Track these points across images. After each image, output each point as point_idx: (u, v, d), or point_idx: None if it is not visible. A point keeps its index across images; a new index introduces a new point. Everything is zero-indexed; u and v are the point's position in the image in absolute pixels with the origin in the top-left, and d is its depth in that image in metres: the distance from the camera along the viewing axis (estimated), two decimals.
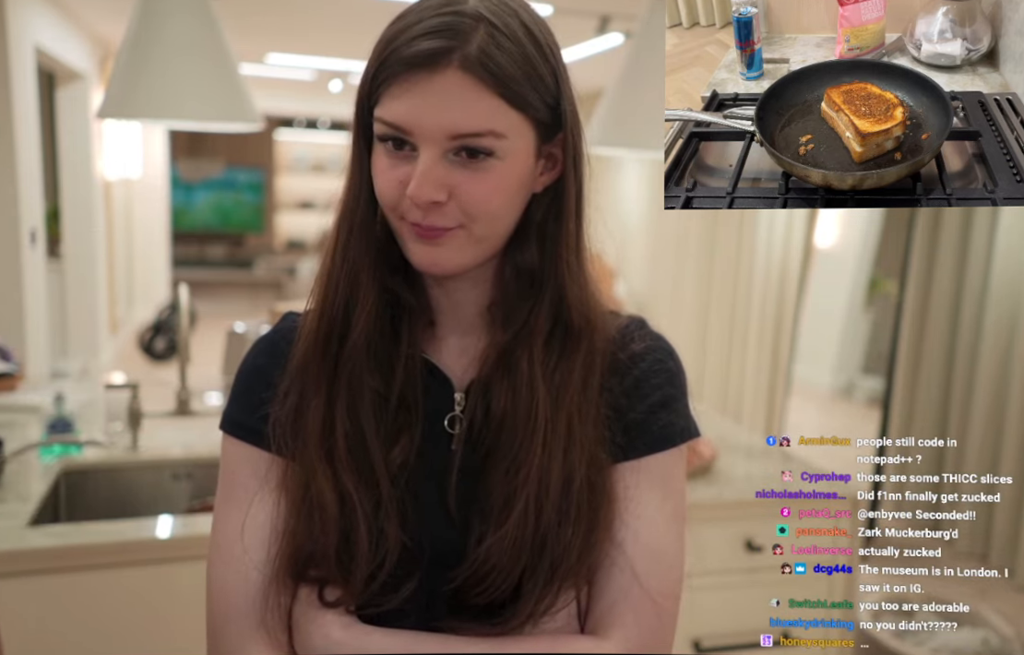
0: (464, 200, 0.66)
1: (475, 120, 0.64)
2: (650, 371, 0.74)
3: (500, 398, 0.69)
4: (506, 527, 0.67)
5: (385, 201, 0.68)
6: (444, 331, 0.74)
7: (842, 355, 5.97)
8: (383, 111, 0.66)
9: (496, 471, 0.69)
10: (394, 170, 0.66)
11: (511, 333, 0.71)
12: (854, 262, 5.82)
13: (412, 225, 0.67)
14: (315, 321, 0.71)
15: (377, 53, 0.66)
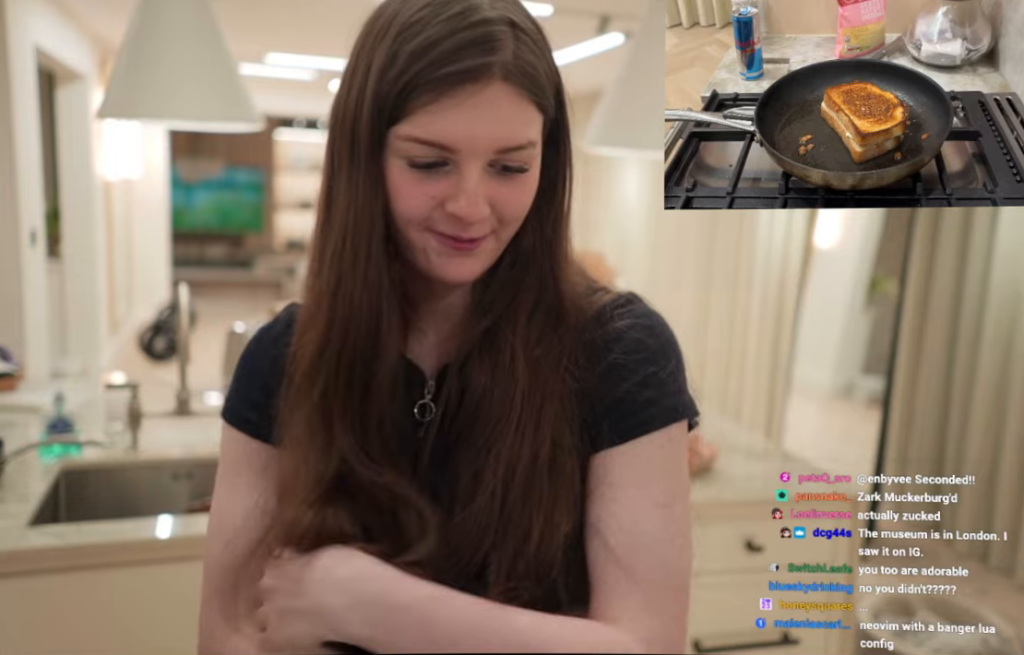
0: (502, 210, 0.65)
1: (520, 131, 0.63)
2: (628, 351, 0.71)
3: (479, 377, 0.69)
4: (473, 505, 0.67)
5: (412, 217, 0.65)
6: (424, 323, 0.73)
7: (842, 355, 5.97)
8: (419, 130, 0.62)
9: (467, 449, 0.69)
10: (423, 186, 0.64)
11: (496, 314, 0.70)
12: (854, 262, 5.83)
13: (446, 238, 0.65)
14: (335, 353, 0.68)
15: (401, 69, 0.62)
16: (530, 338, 0.70)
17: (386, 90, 0.63)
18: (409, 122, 0.62)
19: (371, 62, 0.64)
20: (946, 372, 3.50)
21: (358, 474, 0.68)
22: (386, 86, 0.63)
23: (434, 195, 0.63)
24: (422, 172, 0.63)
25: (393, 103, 0.62)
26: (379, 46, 0.63)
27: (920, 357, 3.55)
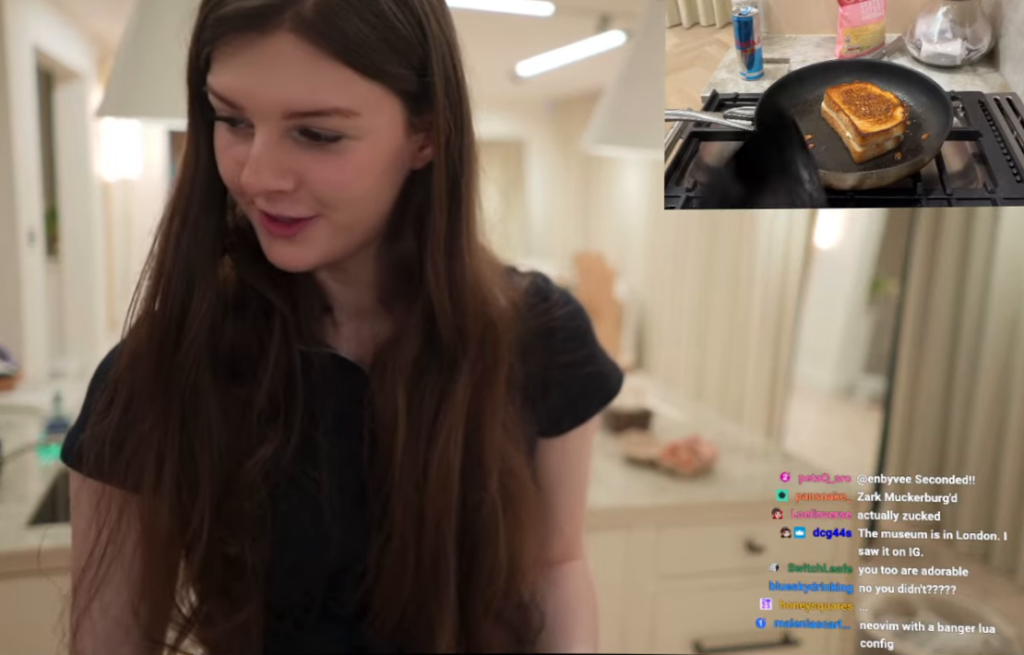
0: (316, 186, 0.55)
1: (315, 95, 0.53)
2: (568, 339, 0.71)
3: (388, 382, 0.62)
4: (388, 535, 0.61)
5: (229, 184, 0.58)
6: (342, 316, 0.65)
7: (843, 355, 5.97)
8: (213, 79, 0.55)
9: (380, 475, 0.63)
10: (232, 148, 0.56)
11: (391, 332, 0.63)
12: (855, 262, 5.83)
13: (261, 215, 0.57)
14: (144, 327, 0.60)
15: (206, 11, 0.55)
16: (431, 364, 0.62)
17: (196, 40, 0.56)
18: (210, 75, 0.55)
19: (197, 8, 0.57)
20: (947, 372, 3.50)
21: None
22: (196, 36, 0.56)
23: (238, 159, 0.56)
24: (231, 132, 0.56)
25: (198, 55, 0.56)
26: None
27: (921, 357, 3.55)
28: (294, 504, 0.61)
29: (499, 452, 0.64)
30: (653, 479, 1.83)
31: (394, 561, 0.61)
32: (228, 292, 0.62)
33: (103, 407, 0.62)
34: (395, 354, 0.62)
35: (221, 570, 0.61)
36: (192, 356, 0.59)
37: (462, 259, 0.61)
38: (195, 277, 0.59)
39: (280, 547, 0.61)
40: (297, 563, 0.61)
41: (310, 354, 0.62)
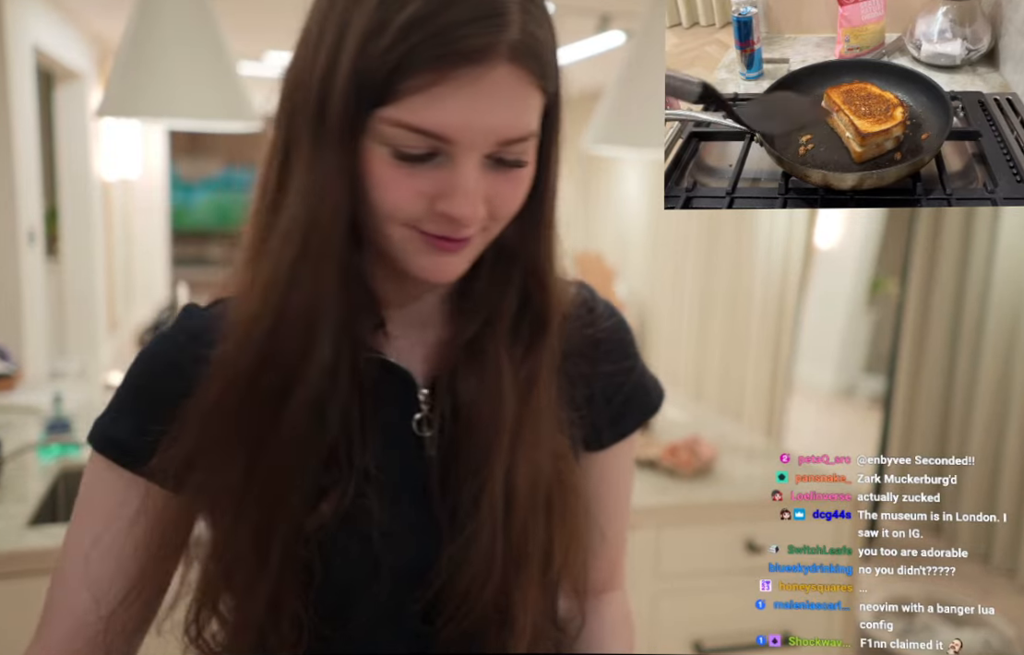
0: (497, 208, 0.56)
1: (521, 122, 0.53)
2: (614, 349, 0.70)
3: (467, 392, 0.62)
4: (471, 534, 0.60)
5: (396, 215, 0.54)
6: (396, 328, 0.64)
7: (843, 355, 5.97)
8: (410, 116, 0.51)
9: (462, 474, 0.62)
10: (412, 180, 0.53)
11: (479, 320, 0.62)
12: (855, 261, 5.82)
13: (433, 237, 0.55)
14: (249, 361, 0.57)
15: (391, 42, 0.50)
16: (516, 348, 0.62)
17: (371, 65, 0.51)
18: (399, 106, 0.51)
19: (346, 26, 0.52)
20: (948, 372, 3.49)
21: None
22: (371, 61, 0.51)
23: (423, 191, 0.54)
24: (410, 164, 0.53)
25: (381, 82, 0.51)
26: (357, 9, 0.52)
27: (922, 357, 3.55)
28: (356, 533, 0.60)
29: (554, 432, 0.65)
30: (653, 479, 1.83)
31: (478, 558, 0.60)
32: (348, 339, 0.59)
33: (159, 412, 0.59)
34: (487, 344, 0.62)
35: (279, 598, 0.59)
36: (303, 402, 0.56)
37: (555, 244, 0.63)
38: (318, 324, 0.56)
39: (343, 571, 0.60)
40: (359, 587, 0.61)
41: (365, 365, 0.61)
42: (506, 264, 0.62)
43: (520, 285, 0.62)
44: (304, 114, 0.55)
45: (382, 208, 0.54)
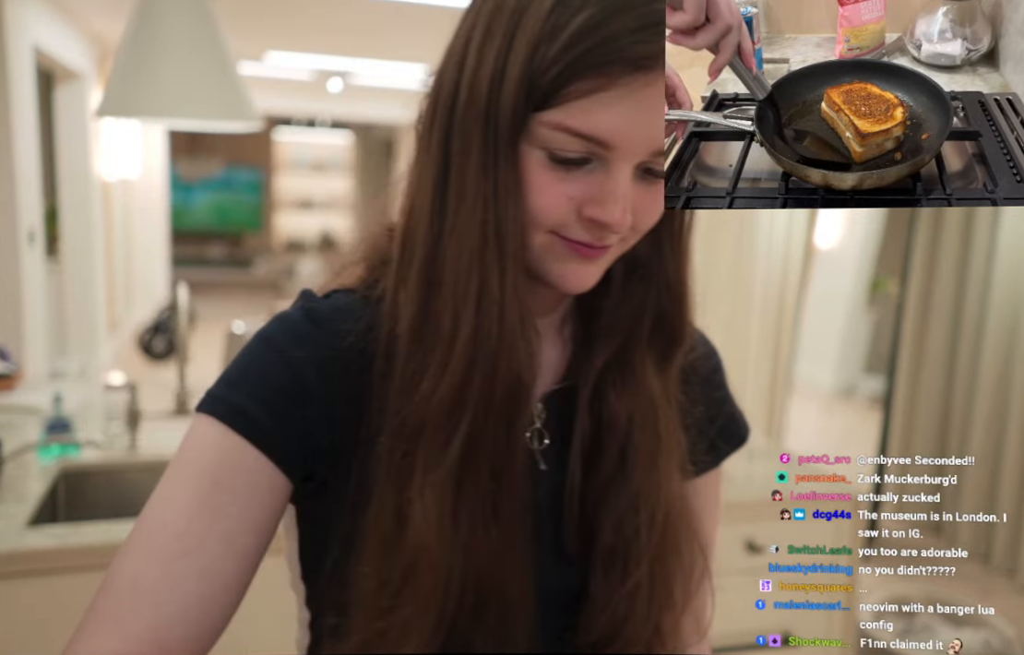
0: (639, 217, 0.56)
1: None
2: (711, 374, 0.69)
3: (617, 408, 0.61)
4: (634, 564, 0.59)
5: (544, 219, 0.55)
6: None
7: (844, 355, 5.97)
8: (573, 120, 0.51)
9: (608, 496, 0.60)
10: (564, 184, 0.53)
11: (623, 334, 0.62)
12: (855, 261, 5.83)
13: (575, 243, 0.55)
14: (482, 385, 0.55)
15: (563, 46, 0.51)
16: (655, 362, 0.62)
17: (541, 69, 0.51)
18: (562, 109, 0.52)
19: (515, 30, 0.52)
20: (948, 372, 3.50)
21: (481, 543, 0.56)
22: (541, 64, 0.51)
23: (574, 196, 0.54)
24: (564, 168, 0.53)
25: (547, 86, 0.52)
26: (527, 14, 0.52)
27: (922, 357, 3.55)
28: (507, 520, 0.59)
29: (684, 455, 0.64)
30: None
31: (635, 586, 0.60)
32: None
33: (290, 395, 0.57)
34: (634, 361, 0.61)
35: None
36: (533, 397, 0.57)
37: (690, 260, 0.63)
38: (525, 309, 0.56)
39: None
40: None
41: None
42: (641, 280, 0.62)
43: (656, 302, 0.62)
44: (469, 118, 0.54)
45: (531, 212, 0.55)
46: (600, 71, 0.50)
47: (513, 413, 0.56)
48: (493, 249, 0.54)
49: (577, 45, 0.51)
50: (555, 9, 0.51)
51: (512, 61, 0.52)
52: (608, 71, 0.50)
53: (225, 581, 0.55)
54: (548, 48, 0.51)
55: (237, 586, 0.56)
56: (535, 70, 0.52)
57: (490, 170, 0.54)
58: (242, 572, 0.56)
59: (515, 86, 0.52)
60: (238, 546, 0.55)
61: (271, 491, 0.57)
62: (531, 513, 0.59)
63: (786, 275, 4.09)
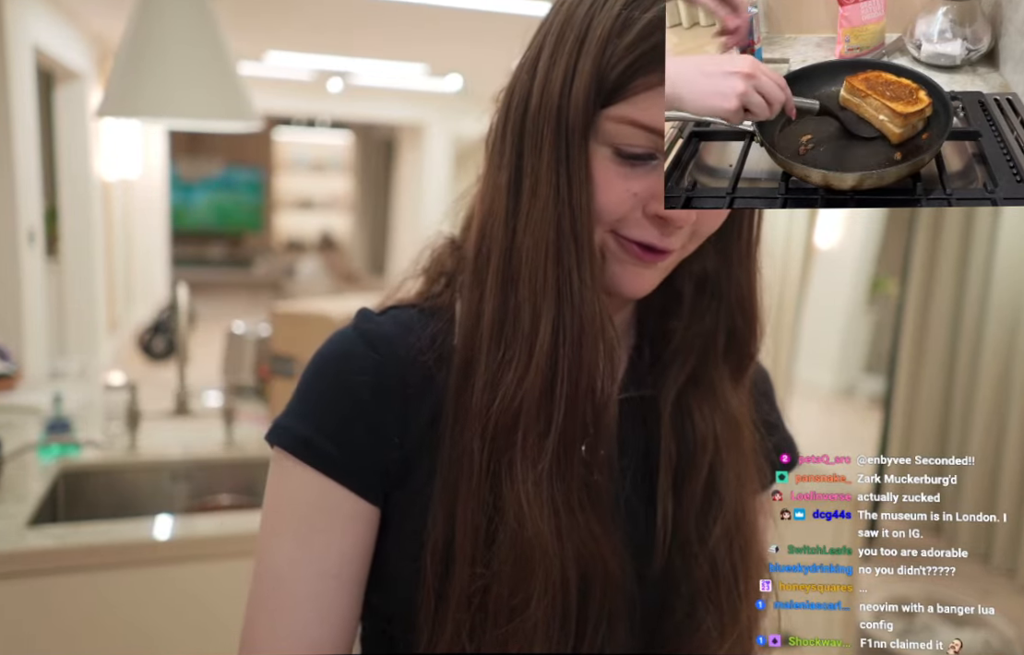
0: (700, 221, 0.56)
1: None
2: (765, 397, 0.69)
3: (701, 420, 0.61)
4: (717, 584, 0.59)
5: (607, 216, 0.54)
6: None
7: (844, 355, 5.97)
8: (641, 113, 0.51)
9: (699, 519, 0.60)
10: (628, 180, 0.53)
11: (692, 356, 0.61)
12: (856, 262, 5.83)
13: (633, 244, 0.55)
14: (570, 391, 0.55)
15: (635, 38, 0.51)
16: (730, 378, 0.62)
17: (611, 64, 0.52)
18: (631, 103, 0.52)
19: (588, 27, 0.53)
20: (948, 372, 3.49)
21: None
22: (611, 58, 0.52)
23: (638, 192, 0.54)
24: (629, 164, 0.53)
25: (616, 79, 0.52)
26: (601, 11, 0.53)
27: (922, 357, 3.55)
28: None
29: (756, 470, 0.65)
30: None
31: (722, 605, 0.60)
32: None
33: (357, 418, 0.58)
34: (712, 377, 0.61)
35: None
36: (615, 402, 0.57)
37: (759, 273, 0.63)
38: (604, 309, 0.56)
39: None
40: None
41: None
42: (712, 297, 0.62)
43: (728, 318, 0.62)
44: (542, 118, 0.55)
45: (595, 208, 0.54)
46: (661, 64, 0.50)
47: (600, 402, 0.56)
48: (569, 242, 0.54)
49: (646, 39, 0.51)
50: (627, 7, 0.52)
51: (583, 58, 0.53)
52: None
53: (341, 613, 0.58)
54: (618, 43, 0.52)
55: (352, 616, 0.59)
56: (605, 65, 0.52)
57: (563, 164, 0.54)
58: (353, 599, 0.59)
59: (586, 82, 0.52)
60: (346, 579, 0.58)
61: (362, 518, 0.59)
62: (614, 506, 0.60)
63: (786, 275, 4.09)
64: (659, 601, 0.61)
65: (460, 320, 0.60)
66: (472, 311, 0.59)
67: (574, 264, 0.55)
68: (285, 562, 0.57)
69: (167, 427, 2.07)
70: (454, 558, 0.57)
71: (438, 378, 0.59)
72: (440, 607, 0.57)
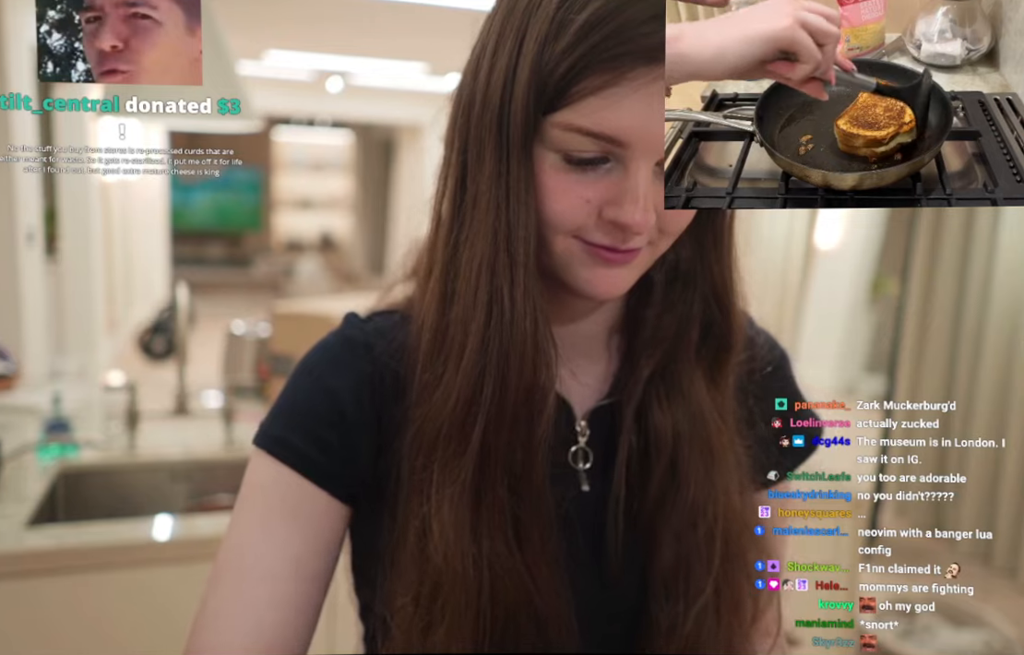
0: (666, 219, 0.54)
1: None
2: (783, 379, 0.67)
3: (665, 422, 0.59)
4: (696, 584, 0.58)
5: (561, 223, 0.53)
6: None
7: (844, 355, 5.96)
8: (585, 119, 0.50)
9: (661, 514, 0.59)
10: (580, 186, 0.52)
11: (661, 350, 0.60)
12: (856, 261, 5.82)
13: (597, 248, 0.54)
14: (494, 393, 0.54)
15: (570, 43, 0.49)
16: (705, 373, 0.61)
17: (548, 68, 0.50)
18: (574, 109, 0.50)
19: (524, 32, 0.51)
20: (948, 372, 3.49)
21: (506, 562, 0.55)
22: (548, 63, 0.50)
23: (591, 198, 0.52)
24: (579, 170, 0.52)
25: (556, 85, 0.50)
26: (535, 15, 0.51)
27: (922, 357, 3.55)
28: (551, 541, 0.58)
29: (743, 469, 0.63)
30: None
31: (702, 605, 0.59)
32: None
33: (334, 422, 0.58)
34: (680, 374, 0.60)
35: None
36: (551, 406, 0.55)
37: (736, 264, 0.63)
38: (540, 317, 0.54)
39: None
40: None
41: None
42: (684, 288, 0.61)
43: (702, 311, 0.61)
44: (483, 125, 0.53)
45: (551, 218, 0.53)
46: (609, 66, 0.49)
47: (529, 422, 0.55)
48: (504, 256, 0.53)
49: (584, 40, 0.49)
50: (561, 6, 0.50)
51: (521, 64, 0.51)
52: (617, 65, 0.49)
53: (296, 605, 0.57)
54: (555, 45, 0.50)
55: (309, 609, 0.58)
56: (543, 70, 0.50)
57: (502, 177, 0.53)
58: (312, 594, 0.58)
59: (524, 89, 0.51)
60: (305, 571, 0.58)
61: (329, 515, 0.59)
62: (570, 533, 0.58)
63: (786, 275, 4.09)
64: (629, 610, 0.60)
65: (412, 331, 0.60)
66: (417, 325, 0.59)
67: (508, 280, 0.53)
68: (246, 541, 0.58)
69: (166, 427, 2.07)
70: (391, 565, 0.58)
71: (409, 384, 0.59)
72: (378, 613, 0.58)
